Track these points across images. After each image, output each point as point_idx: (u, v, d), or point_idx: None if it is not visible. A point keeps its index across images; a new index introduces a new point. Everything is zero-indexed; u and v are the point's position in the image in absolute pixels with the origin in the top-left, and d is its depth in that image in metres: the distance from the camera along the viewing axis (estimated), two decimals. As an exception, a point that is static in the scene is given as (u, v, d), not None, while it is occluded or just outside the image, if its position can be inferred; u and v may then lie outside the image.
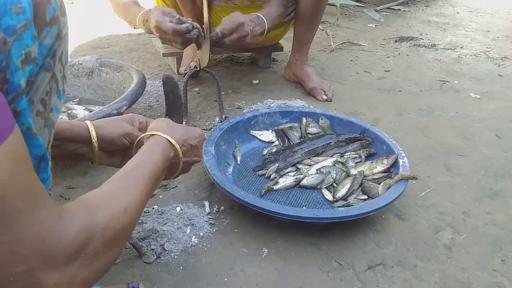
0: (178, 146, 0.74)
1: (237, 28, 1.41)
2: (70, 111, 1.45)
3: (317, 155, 1.33)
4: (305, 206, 1.14)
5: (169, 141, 0.73)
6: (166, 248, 0.98)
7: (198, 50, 1.47)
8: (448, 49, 2.53)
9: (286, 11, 1.69)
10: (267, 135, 1.41)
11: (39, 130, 0.50)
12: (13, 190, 0.40)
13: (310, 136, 1.41)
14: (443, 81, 2.04)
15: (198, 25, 1.32)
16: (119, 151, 0.85)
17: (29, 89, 0.47)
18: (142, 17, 1.38)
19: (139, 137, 0.78)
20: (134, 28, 1.57)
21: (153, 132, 0.74)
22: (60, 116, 1.41)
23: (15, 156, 0.40)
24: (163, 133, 0.74)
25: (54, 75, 0.50)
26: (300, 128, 1.44)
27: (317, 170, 1.25)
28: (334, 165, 1.27)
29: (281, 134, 1.41)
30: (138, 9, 1.46)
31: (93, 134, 0.78)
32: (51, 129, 0.53)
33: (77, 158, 0.81)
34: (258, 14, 1.52)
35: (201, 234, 1.03)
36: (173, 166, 0.76)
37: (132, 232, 0.60)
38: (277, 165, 1.26)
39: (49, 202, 0.45)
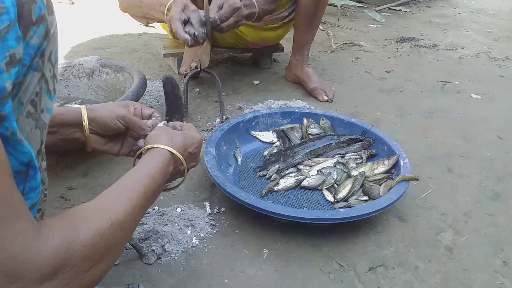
0: (181, 157, 0.73)
1: (234, 13, 1.38)
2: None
3: (318, 156, 1.32)
4: (306, 207, 1.14)
5: (170, 152, 0.72)
6: (166, 249, 0.98)
7: (199, 49, 1.47)
8: (449, 49, 2.53)
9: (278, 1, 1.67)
10: (268, 136, 1.41)
11: (30, 132, 0.49)
12: None
13: (311, 137, 1.41)
14: (444, 82, 2.04)
15: (204, 32, 1.31)
16: (117, 138, 0.84)
17: (18, 91, 0.45)
18: (166, 7, 1.33)
19: (139, 151, 0.76)
20: (146, 23, 1.52)
21: (153, 145, 0.72)
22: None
23: None
24: (164, 145, 0.72)
25: (43, 75, 0.49)
26: (301, 129, 1.44)
27: (318, 171, 1.25)
28: (335, 166, 1.27)
29: (282, 135, 1.41)
30: (158, 1, 1.38)
31: (85, 117, 0.76)
32: (43, 130, 0.52)
33: (72, 143, 0.79)
34: None
35: (202, 235, 1.03)
36: (173, 176, 0.75)
37: (123, 247, 0.58)
38: (277, 166, 1.26)
39: (26, 215, 0.42)
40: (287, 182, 1.20)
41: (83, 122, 0.76)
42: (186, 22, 1.29)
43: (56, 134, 0.75)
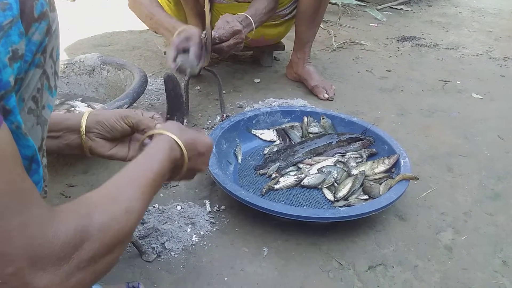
0: (185, 150, 0.71)
1: (234, 35, 1.44)
2: (72, 109, 1.45)
3: (318, 154, 1.32)
4: (306, 206, 1.14)
5: (176, 142, 0.70)
6: (166, 247, 0.98)
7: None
8: (450, 49, 2.53)
9: (276, 4, 1.70)
10: (268, 134, 1.41)
11: (31, 128, 0.49)
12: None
13: (311, 135, 1.41)
14: (445, 81, 2.04)
15: (195, 66, 1.33)
16: (123, 141, 0.82)
17: (19, 87, 0.45)
18: (177, 31, 1.39)
19: (145, 135, 0.74)
20: (154, 32, 1.60)
21: (161, 131, 0.70)
22: (64, 111, 1.41)
23: (1, 153, 0.39)
24: (172, 133, 0.70)
25: (45, 72, 0.49)
26: (302, 128, 1.44)
27: (318, 169, 1.25)
28: (335, 164, 1.27)
29: (282, 133, 1.41)
30: (170, 22, 1.45)
31: (83, 122, 0.75)
32: (44, 127, 0.52)
33: (77, 149, 0.77)
34: (246, 15, 1.53)
35: (202, 233, 1.03)
36: (176, 169, 0.73)
37: (133, 232, 0.59)
38: (278, 164, 1.26)
39: (40, 201, 0.44)
40: (287, 180, 1.20)
41: (81, 128, 0.75)
42: (185, 51, 1.33)
43: (60, 139, 0.75)
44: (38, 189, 0.52)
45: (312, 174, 1.23)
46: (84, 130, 0.76)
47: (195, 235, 1.02)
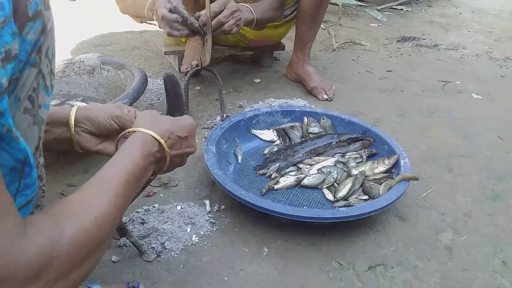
0: (163, 140, 0.70)
1: (225, 4, 1.42)
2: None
3: (318, 154, 1.32)
4: (306, 206, 1.14)
5: (150, 135, 0.69)
6: (166, 247, 0.98)
7: (200, 43, 1.48)
8: (451, 49, 2.53)
9: (283, 6, 1.70)
10: (269, 134, 1.41)
11: (27, 128, 0.48)
12: None
13: (311, 135, 1.41)
14: (445, 81, 2.04)
15: (194, 21, 1.34)
16: (111, 138, 0.80)
17: (14, 87, 0.45)
18: (151, 4, 1.36)
19: (120, 134, 0.74)
20: (141, 22, 1.56)
21: (134, 129, 0.70)
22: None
23: None
24: (145, 128, 0.69)
25: (40, 71, 0.49)
26: (302, 128, 1.44)
27: (318, 169, 1.25)
28: (335, 165, 1.27)
29: (282, 134, 1.41)
30: None
31: (72, 116, 0.74)
32: (40, 126, 0.52)
33: (64, 143, 0.76)
34: (247, 4, 1.54)
35: (202, 233, 1.03)
36: (160, 161, 0.72)
37: (111, 238, 0.57)
38: (278, 164, 1.26)
39: (12, 215, 0.42)
40: (287, 180, 1.20)
41: (70, 121, 0.74)
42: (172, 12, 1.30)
43: (48, 133, 0.73)
44: (34, 190, 0.51)
45: (312, 174, 1.23)
46: (73, 124, 0.74)
47: (195, 235, 1.02)
